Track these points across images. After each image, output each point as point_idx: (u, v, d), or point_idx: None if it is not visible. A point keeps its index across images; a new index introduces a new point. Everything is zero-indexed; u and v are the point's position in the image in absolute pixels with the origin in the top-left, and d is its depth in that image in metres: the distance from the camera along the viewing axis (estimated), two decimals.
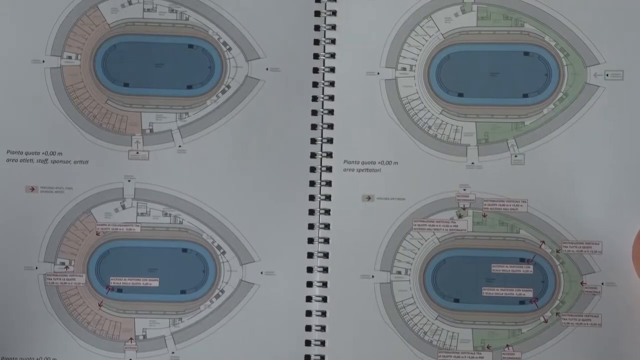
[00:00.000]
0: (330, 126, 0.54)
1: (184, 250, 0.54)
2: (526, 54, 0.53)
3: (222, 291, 0.54)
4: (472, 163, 0.53)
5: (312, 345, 0.52)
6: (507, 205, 0.52)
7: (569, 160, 0.52)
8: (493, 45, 0.53)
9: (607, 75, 0.52)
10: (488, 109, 0.53)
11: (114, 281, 0.54)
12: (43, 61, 0.54)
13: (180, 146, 0.54)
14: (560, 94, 0.53)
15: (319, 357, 0.52)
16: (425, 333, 0.52)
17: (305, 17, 0.54)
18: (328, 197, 0.53)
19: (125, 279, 0.54)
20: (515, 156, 0.52)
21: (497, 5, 0.53)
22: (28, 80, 0.53)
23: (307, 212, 0.54)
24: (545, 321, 0.52)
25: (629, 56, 0.52)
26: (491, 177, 0.52)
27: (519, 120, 0.53)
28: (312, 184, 0.54)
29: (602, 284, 0.51)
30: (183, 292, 0.54)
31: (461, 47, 0.54)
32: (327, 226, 0.53)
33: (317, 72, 0.54)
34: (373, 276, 0.52)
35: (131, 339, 0.53)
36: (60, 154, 0.54)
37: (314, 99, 0.54)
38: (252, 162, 0.54)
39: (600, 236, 0.51)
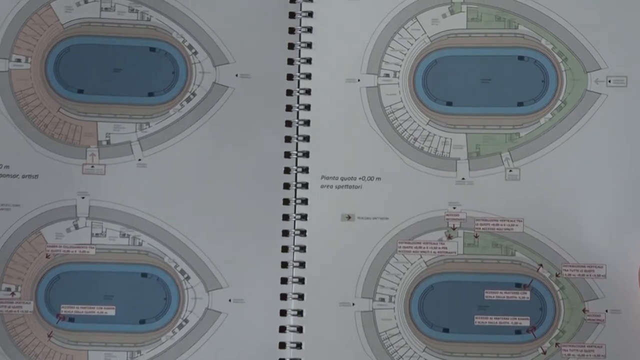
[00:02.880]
0: (306, 138, 0.53)
1: (144, 275, 0.53)
2: (521, 58, 0.52)
3: (186, 320, 0.53)
4: (463, 179, 0.52)
5: None
6: (501, 225, 0.52)
7: (568, 175, 0.51)
8: (484, 49, 0.53)
9: (610, 81, 0.52)
10: (479, 119, 0.52)
11: (66, 309, 0.52)
12: None
13: (140, 160, 0.53)
14: (559, 102, 0.52)
15: None
16: None
17: (279, 19, 0.54)
18: (304, 217, 0.52)
19: (77, 307, 0.52)
20: (510, 171, 0.52)
21: (488, 5, 0.53)
22: None
23: (281, 233, 0.53)
24: (544, 353, 0.51)
25: (633, 60, 0.52)
26: (483, 194, 0.52)
27: (513, 132, 0.52)
28: (286, 202, 0.53)
29: (606, 311, 0.50)
30: (142, 321, 0.52)
31: (450, 51, 0.53)
32: (302, 249, 0.52)
33: (292, 79, 0.54)
34: (354, 304, 0.51)
35: None
36: (7, 167, 0.53)
37: (289, 108, 0.54)
38: (220, 177, 0.53)
39: (603, 258, 0.51)
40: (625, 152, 0.51)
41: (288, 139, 0.53)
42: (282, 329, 0.52)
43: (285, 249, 0.53)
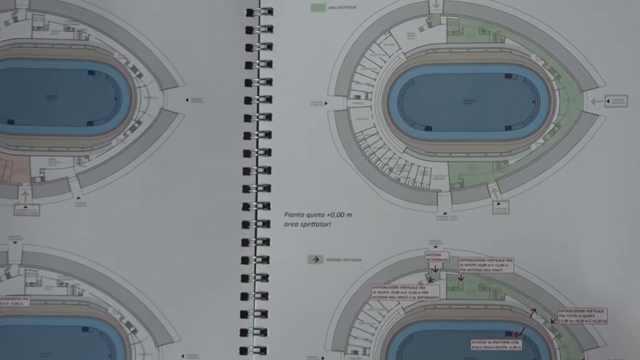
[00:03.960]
0: (267, 170, 0.51)
1: (85, 329, 0.50)
2: (508, 76, 0.51)
3: None
4: (445, 213, 0.50)
5: None
6: (489, 265, 0.50)
7: (564, 208, 0.50)
8: (467, 66, 0.51)
9: (608, 101, 0.50)
10: (463, 146, 0.51)
11: None
12: None
13: (79, 198, 0.51)
14: (552, 126, 0.50)
15: None
16: None
17: (235, 35, 0.52)
18: (265, 260, 0.51)
19: None
20: (498, 204, 0.50)
21: (471, 16, 0.51)
22: None
23: (240, 278, 0.51)
24: None
25: (634, 77, 0.50)
26: (468, 231, 0.50)
27: (501, 159, 0.50)
28: (245, 243, 0.51)
29: None
30: None
31: (428, 68, 0.51)
32: (264, 296, 0.50)
33: (250, 103, 0.52)
34: (323, 358, 0.49)
35: None
36: None
37: (247, 136, 0.52)
38: (170, 216, 0.51)
39: (604, 302, 0.49)
40: (627, 181, 0.49)
41: (246, 171, 0.51)
42: None
43: (244, 296, 0.50)
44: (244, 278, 0.51)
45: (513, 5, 0.51)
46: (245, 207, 0.51)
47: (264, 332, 0.50)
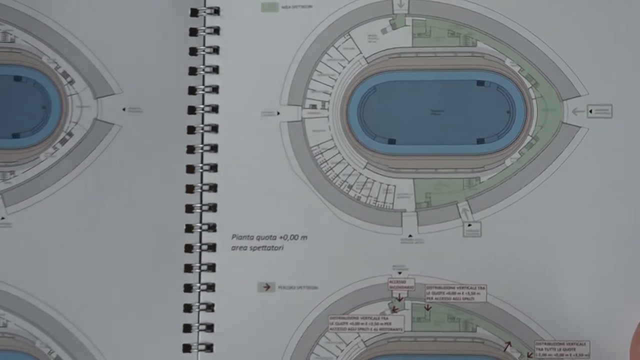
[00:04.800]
0: (213, 187, 0.50)
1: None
2: (480, 83, 0.50)
3: None
4: (410, 236, 0.49)
5: None
6: (459, 293, 0.49)
7: (542, 230, 0.49)
8: (435, 73, 0.50)
9: (591, 111, 0.49)
10: (430, 161, 0.50)
11: None
12: None
13: (3, 218, 0.50)
14: (528, 138, 0.50)
15: None
16: None
17: (177, 37, 0.51)
18: (211, 287, 0.49)
19: None
20: (469, 225, 0.49)
21: (439, 17, 0.51)
22: None
23: (182, 308, 0.49)
24: None
25: (620, 85, 0.49)
26: (436, 255, 0.49)
27: (472, 176, 0.50)
28: (188, 269, 0.49)
29: None
30: None
31: (392, 75, 0.51)
32: (209, 327, 0.49)
33: (194, 113, 0.51)
34: None
35: None
36: None
37: (190, 150, 0.50)
38: (104, 239, 0.50)
39: (587, 334, 0.48)
40: (612, 200, 0.49)
41: (190, 189, 0.50)
42: None
43: (187, 328, 0.49)
44: (187, 308, 0.49)
45: (486, 5, 0.50)
46: (189, 228, 0.50)
47: None
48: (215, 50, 0.51)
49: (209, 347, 0.49)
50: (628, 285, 0.48)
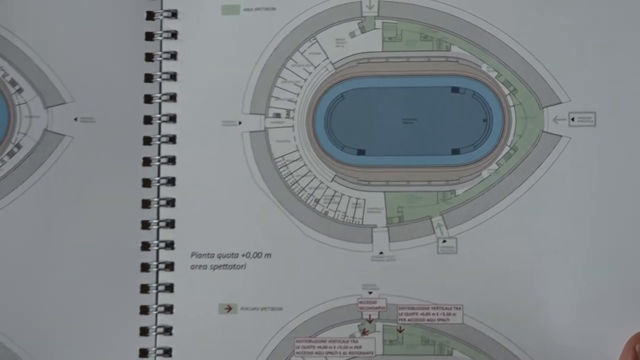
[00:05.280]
0: (171, 202, 0.50)
1: None
2: (455, 90, 0.50)
3: None
4: (381, 253, 0.49)
5: None
6: (434, 314, 0.48)
7: (522, 246, 0.48)
8: (407, 79, 0.50)
9: (573, 119, 0.49)
10: (402, 173, 0.49)
11: None
12: None
13: None
14: (506, 149, 0.49)
15: None
16: None
17: (132, 43, 0.50)
18: (168, 309, 0.49)
19: None
20: (444, 241, 0.49)
21: (411, 19, 0.50)
22: None
23: (138, 331, 0.48)
24: None
25: (602, 92, 0.49)
26: (409, 273, 0.48)
27: (447, 189, 0.49)
28: (144, 289, 0.49)
29: None
30: None
31: (361, 81, 0.50)
32: (167, 352, 0.49)
33: (151, 123, 0.50)
34: None
35: None
36: None
37: (146, 162, 0.50)
38: (54, 257, 0.49)
39: (570, 356, 0.47)
40: (598, 213, 0.48)
41: (146, 204, 0.49)
42: None
43: (144, 352, 0.48)
44: (143, 331, 0.49)
45: (461, 7, 0.50)
46: (145, 246, 0.49)
47: None
48: (173, 55, 0.50)
49: None
50: (614, 304, 0.47)
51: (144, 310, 0.48)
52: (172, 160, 0.50)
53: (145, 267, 0.49)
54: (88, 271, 0.48)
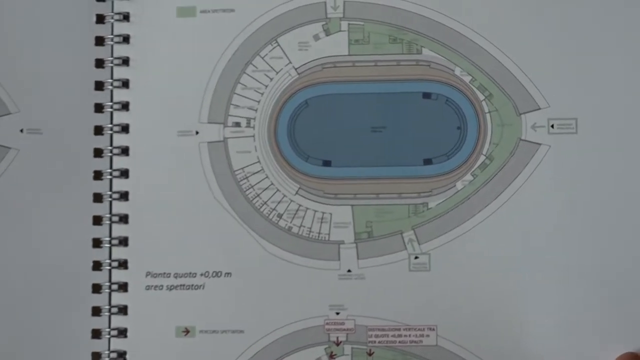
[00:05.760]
0: (124, 218, 0.49)
1: None
2: (427, 96, 0.49)
3: None
4: (349, 271, 0.48)
5: None
6: (406, 335, 0.48)
7: (499, 262, 0.48)
8: (375, 85, 0.49)
9: (553, 126, 0.48)
10: (371, 185, 0.49)
11: None
12: None
13: None
14: (482, 158, 0.49)
15: None
16: None
17: (82, 48, 0.49)
18: (122, 332, 0.48)
19: None
20: (416, 258, 0.48)
21: (379, 21, 0.50)
22: None
23: (90, 357, 0.48)
24: None
25: (584, 97, 0.48)
26: (379, 293, 0.48)
27: (419, 201, 0.49)
28: (96, 311, 0.48)
29: None
30: None
31: (326, 87, 0.50)
32: None
33: (102, 134, 0.49)
34: None
35: None
36: None
37: (97, 175, 0.49)
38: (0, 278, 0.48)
39: None
40: (578, 225, 0.47)
41: (97, 220, 0.48)
42: None
43: None
44: (96, 356, 0.48)
45: (432, 7, 0.49)
46: (97, 266, 0.48)
47: None
48: (125, 61, 0.50)
49: None
50: (597, 323, 0.46)
51: (96, 334, 0.47)
52: (124, 173, 0.49)
53: (96, 288, 0.48)
54: (35, 293, 0.48)
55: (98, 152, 0.49)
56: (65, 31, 0.49)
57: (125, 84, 0.49)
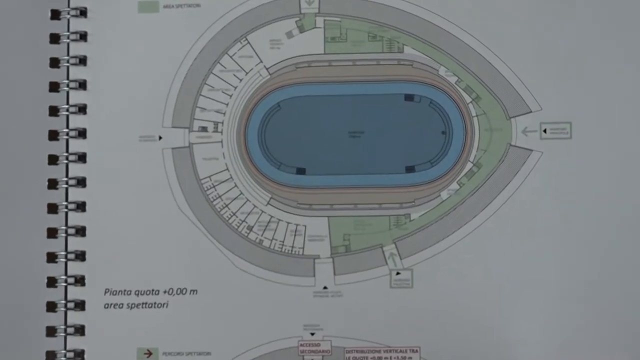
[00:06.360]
0: (81, 231, 0.47)
1: None
2: (409, 98, 0.48)
3: None
4: (325, 288, 0.47)
5: None
6: (387, 357, 0.47)
7: (486, 278, 0.47)
8: (353, 86, 0.48)
9: (545, 130, 0.47)
10: (348, 194, 0.48)
11: None
12: None
13: None
14: (469, 165, 0.48)
15: None
16: None
17: (35, 46, 0.48)
18: (79, 355, 0.47)
19: None
20: (397, 273, 0.47)
21: (357, 17, 0.48)
22: None
23: None
24: None
25: (579, 99, 0.47)
26: (358, 311, 0.47)
27: (401, 212, 0.48)
28: (51, 332, 0.47)
29: None
30: None
31: (300, 89, 0.49)
32: None
33: (56, 139, 0.48)
34: None
35: None
36: None
37: (52, 184, 0.47)
38: None
39: None
40: (571, 239, 0.46)
41: (53, 233, 0.47)
42: None
43: None
44: None
45: (414, 1, 0.48)
46: (51, 282, 0.47)
47: None
48: (82, 60, 0.49)
49: None
50: (590, 343, 0.46)
51: (51, 356, 0.46)
52: (81, 181, 0.47)
53: (51, 307, 0.46)
54: None
55: (53, 159, 0.47)
56: (17, 28, 0.48)
57: (82, 85, 0.48)
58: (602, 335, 0.46)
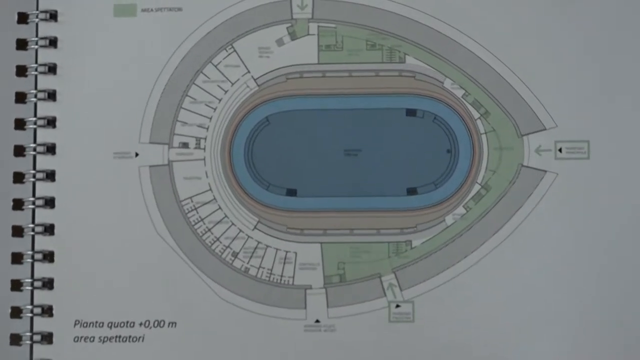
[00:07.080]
0: (49, 256, 0.45)
1: None
2: (411, 112, 0.46)
3: None
4: (317, 321, 0.45)
5: None
6: None
7: (494, 312, 0.45)
8: (350, 99, 0.46)
9: (561, 150, 0.45)
10: (343, 218, 0.46)
11: None
12: None
13: None
14: (477, 187, 0.46)
15: None
16: None
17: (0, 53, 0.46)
18: None
19: None
20: (397, 306, 0.45)
21: (354, 23, 0.47)
22: None
23: None
24: None
25: (597, 117, 0.45)
26: (352, 348, 0.45)
27: (401, 239, 0.46)
28: None
29: None
30: None
31: (291, 102, 0.47)
32: None
33: (23, 155, 0.46)
34: None
35: None
36: None
37: (18, 204, 0.46)
38: None
39: None
40: (586, 269, 0.44)
41: (17, 258, 0.45)
42: None
43: None
44: None
45: (418, 7, 0.46)
46: (15, 312, 0.45)
47: None
48: (51, 68, 0.47)
49: None
50: None
51: None
52: (50, 202, 0.46)
53: (15, 339, 0.44)
54: None
55: (18, 177, 0.45)
56: None
57: (51, 95, 0.46)
58: None
